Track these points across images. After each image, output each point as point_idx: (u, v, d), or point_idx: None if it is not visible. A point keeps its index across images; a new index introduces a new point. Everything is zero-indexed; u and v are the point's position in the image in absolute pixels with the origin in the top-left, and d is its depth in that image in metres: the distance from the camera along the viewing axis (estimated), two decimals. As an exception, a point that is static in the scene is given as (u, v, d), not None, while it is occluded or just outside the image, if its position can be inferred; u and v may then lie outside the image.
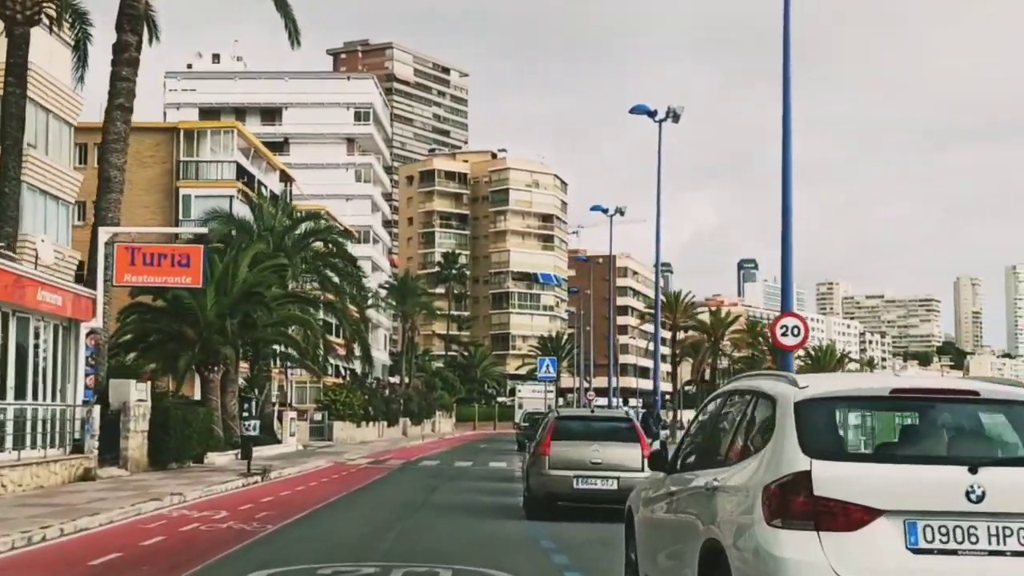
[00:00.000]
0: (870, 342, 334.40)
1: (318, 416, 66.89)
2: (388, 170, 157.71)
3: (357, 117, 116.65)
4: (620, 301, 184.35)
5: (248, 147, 75.22)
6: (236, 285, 43.85)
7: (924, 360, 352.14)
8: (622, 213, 63.20)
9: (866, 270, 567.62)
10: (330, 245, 53.65)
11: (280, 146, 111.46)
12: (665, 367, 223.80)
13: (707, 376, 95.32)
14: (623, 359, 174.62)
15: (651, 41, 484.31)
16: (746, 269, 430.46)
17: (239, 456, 41.23)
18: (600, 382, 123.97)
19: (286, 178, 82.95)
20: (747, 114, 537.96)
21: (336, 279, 52.16)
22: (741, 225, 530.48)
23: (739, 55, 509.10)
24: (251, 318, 43.82)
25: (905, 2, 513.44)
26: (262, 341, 44.55)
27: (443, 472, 37.49)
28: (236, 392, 45.28)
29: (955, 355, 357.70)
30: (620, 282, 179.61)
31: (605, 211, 63.52)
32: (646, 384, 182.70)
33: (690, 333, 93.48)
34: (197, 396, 46.01)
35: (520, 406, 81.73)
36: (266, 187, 75.79)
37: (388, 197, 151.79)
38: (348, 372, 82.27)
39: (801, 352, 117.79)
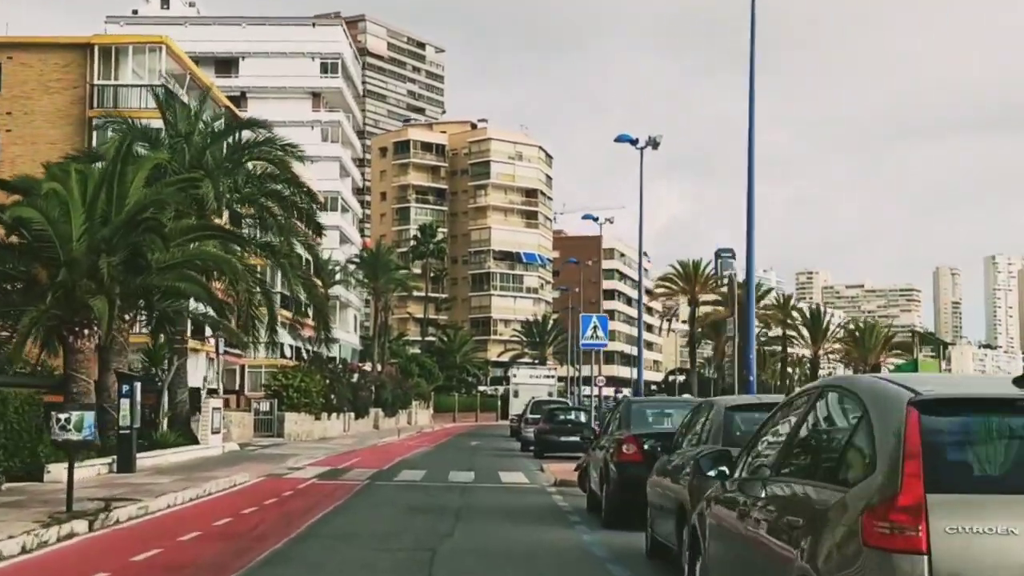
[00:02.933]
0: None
1: (265, 406, 51.38)
2: (361, 136, 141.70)
3: (324, 69, 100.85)
4: (606, 285, 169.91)
5: (183, 72, 59.46)
6: (124, 208, 28.38)
7: (907, 349, 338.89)
8: (656, 145, 47.87)
9: (842, 261, 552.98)
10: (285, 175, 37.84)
11: (237, 100, 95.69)
12: (651, 355, 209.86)
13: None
14: (609, 345, 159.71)
15: (618, 32, 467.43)
16: (724, 258, 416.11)
17: (115, 466, 25.87)
18: (586, 372, 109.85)
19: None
20: (712, 105, 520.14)
21: (279, 212, 36.29)
22: (711, 216, 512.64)
23: (701, 46, 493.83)
24: (142, 258, 28.30)
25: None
26: (157, 291, 28.88)
27: (436, 500, 22.00)
28: (125, 368, 29.67)
29: (936, 345, 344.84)
30: (606, 264, 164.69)
31: (634, 142, 48.08)
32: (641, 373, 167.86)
33: (712, 309, 78.21)
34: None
35: (516, 394, 66.22)
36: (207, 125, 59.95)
37: (360, 163, 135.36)
38: (310, 353, 66.51)
39: (841, 332, 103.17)
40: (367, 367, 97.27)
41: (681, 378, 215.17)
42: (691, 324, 72.92)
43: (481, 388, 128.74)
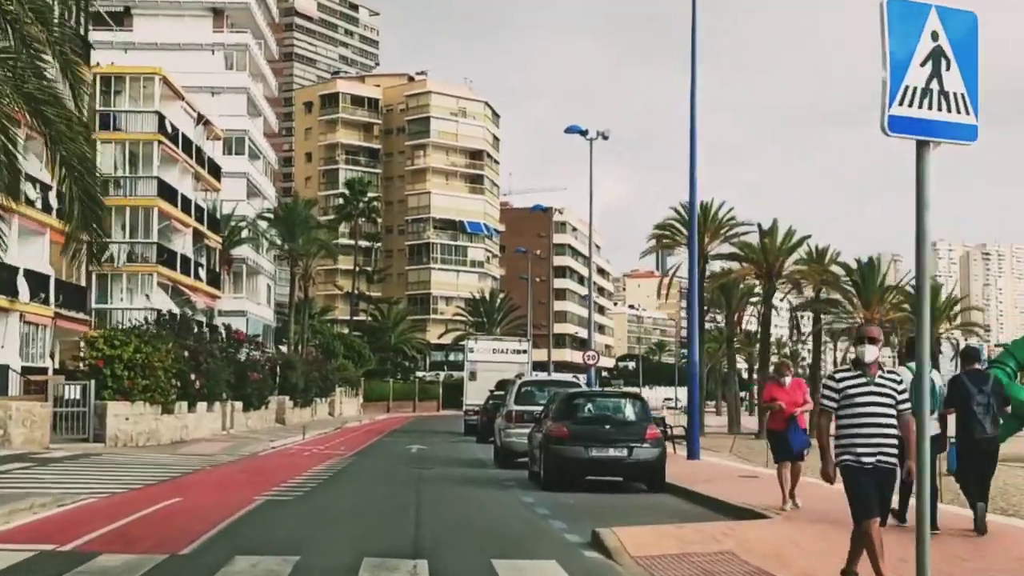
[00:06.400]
0: (802, 317, 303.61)
1: (75, 392, 30.54)
2: (285, 91, 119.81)
3: (228, -20, 79.86)
4: (557, 261, 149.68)
5: None
6: None
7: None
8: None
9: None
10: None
11: (119, 17, 74.72)
12: (600, 339, 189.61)
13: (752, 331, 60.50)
14: (560, 328, 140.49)
15: (551, 14, 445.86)
16: (665, 244, 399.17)
17: None
18: (539, 355, 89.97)
19: None
20: (649, 90, 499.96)
21: None
22: (647, 202, 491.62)
23: (637, 31, 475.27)
24: None
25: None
26: None
27: None
28: None
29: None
30: (557, 238, 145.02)
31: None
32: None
33: (721, 267, 58.60)
34: None
35: (473, 376, 45.68)
36: None
37: (287, 132, 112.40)
38: (205, 323, 45.30)
39: (895, 296, 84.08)
40: (284, 348, 76.78)
41: (631, 364, 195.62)
42: (699, 284, 53.17)
43: (419, 374, 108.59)
